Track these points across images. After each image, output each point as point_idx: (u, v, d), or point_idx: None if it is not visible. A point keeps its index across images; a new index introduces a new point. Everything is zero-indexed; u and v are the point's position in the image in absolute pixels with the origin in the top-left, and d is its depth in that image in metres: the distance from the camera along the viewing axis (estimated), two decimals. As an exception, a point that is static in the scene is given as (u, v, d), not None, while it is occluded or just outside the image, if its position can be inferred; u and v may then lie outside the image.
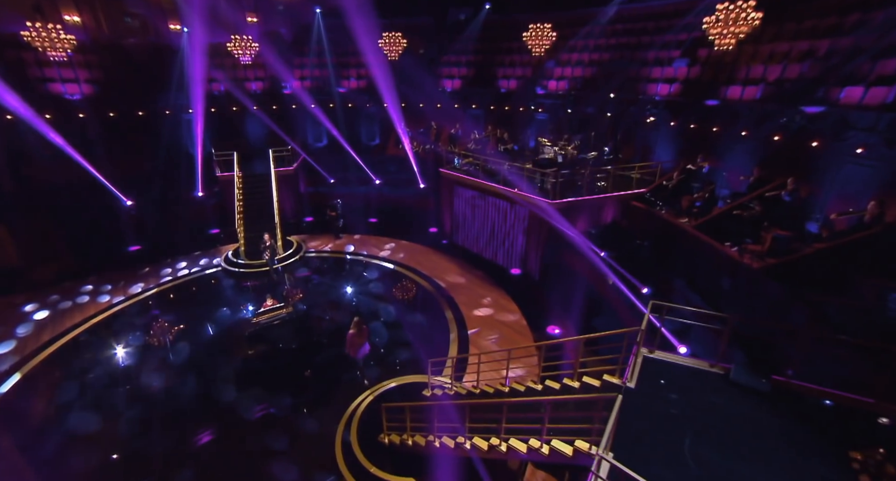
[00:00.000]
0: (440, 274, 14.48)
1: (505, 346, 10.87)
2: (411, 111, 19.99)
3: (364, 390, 9.49)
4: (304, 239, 17.08)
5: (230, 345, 10.89)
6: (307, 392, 9.50)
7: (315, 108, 19.49)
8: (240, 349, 10.57)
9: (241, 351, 10.53)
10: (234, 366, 10.17)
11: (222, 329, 11.57)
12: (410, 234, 17.23)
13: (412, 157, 17.88)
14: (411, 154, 17.94)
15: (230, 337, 11.19)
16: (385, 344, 11.05)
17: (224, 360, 10.37)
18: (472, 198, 15.60)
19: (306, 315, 10.74)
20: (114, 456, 8.07)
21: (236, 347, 10.69)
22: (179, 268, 14.90)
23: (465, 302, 12.87)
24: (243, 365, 10.19)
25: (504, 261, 15.01)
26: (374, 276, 14.29)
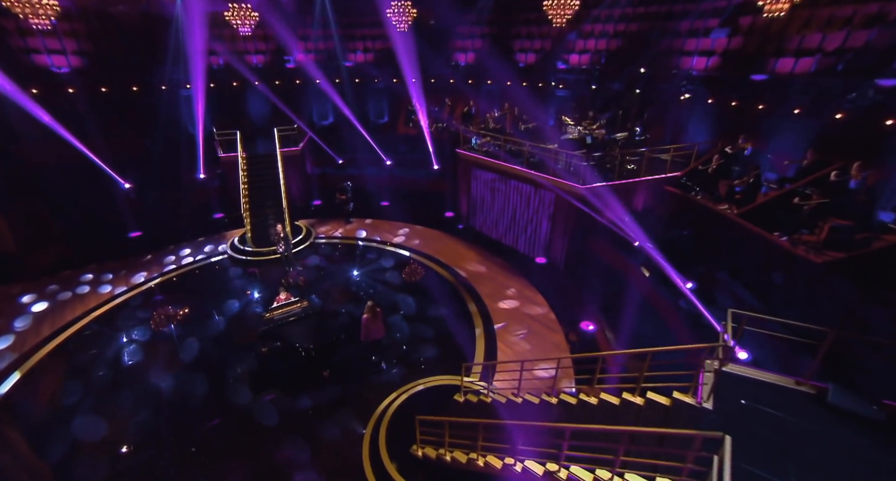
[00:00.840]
0: (459, 262, 13.72)
1: (535, 343, 10.23)
2: (423, 87, 18.80)
3: (388, 390, 8.86)
4: (312, 224, 16.22)
5: (242, 341, 10.22)
6: (327, 394, 8.87)
7: (321, 84, 18.27)
8: (252, 346, 9.90)
9: (253, 348, 9.87)
10: (248, 366, 9.53)
11: (232, 323, 10.88)
12: (425, 219, 16.37)
13: (428, 137, 16.79)
14: (428, 133, 16.84)
15: (241, 332, 10.51)
16: (406, 339, 10.38)
17: (236, 359, 9.72)
18: (491, 180, 14.69)
19: (322, 310, 10.02)
20: (121, 465, 7.49)
21: (248, 344, 10.02)
22: (183, 256, 14.11)
23: (488, 293, 12.15)
24: (257, 364, 9.55)
25: (526, 249, 14.24)
26: (388, 265, 13.53)
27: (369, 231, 15.75)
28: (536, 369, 8.83)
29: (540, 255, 13.73)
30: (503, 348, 10.12)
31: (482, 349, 10.13)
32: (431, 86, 18.52)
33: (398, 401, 8.54)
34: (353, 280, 12.75)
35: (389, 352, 9.94)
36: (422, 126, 17.16)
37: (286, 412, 8.43)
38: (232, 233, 15.50)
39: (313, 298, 10.16)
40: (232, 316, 11.18)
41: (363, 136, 18.02)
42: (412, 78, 17.47)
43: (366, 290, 12.22)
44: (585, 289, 11.57)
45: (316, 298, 10.17)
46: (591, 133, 13.58)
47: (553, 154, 12.79)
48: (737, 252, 9.91)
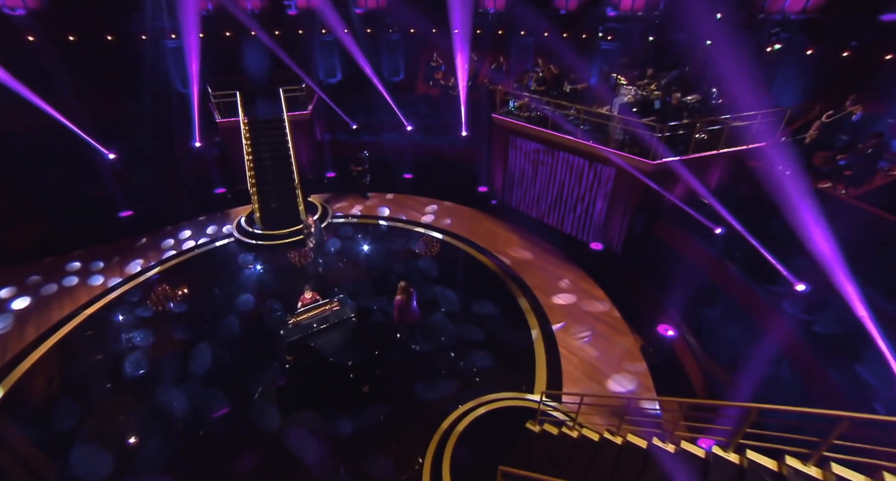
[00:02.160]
0: (500, 246, 12.09)
1: (602, 348, 8.83)
2: (439, 39, 16.32)
3: (442, 409, 7.49)
4: (327, 199, 14.38)
5: (263, 348, 8.75)
6: (370, 415, 7.50)
7: (328, 35, 15.77)
8: (276, 355, 8.45)
9: (278, 357, 8.42)
10: (272, 380, 8.10)
11: (250, 325, 9.35)
12: (454, 194, 14.54)
13: (463, 97, 14.50)
14: (464, 93, 14.52)
15: (261, 337, 9.02)
16: (452, 343, 8.95)
17: (258, 371, 8.27)
18: (534, 151, 12.77)
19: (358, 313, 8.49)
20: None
21: (271, 353, 8.56)
22: (183, 239, 12.36)
23: (538, 285, 10.62)
24: (283, 377, 8.13)
25: (574, 230, 12.59)
26: (420, 249, 11.87)
27: (392, 208, 13.95)
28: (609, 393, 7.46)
29: (592, 239, 12.10)
30: (567, 355, 8.73)
31: (542, 356, 8.73)
32: (461, 37, 16.04)
33: (459, 428, 7.18)
34: (382, 269, 11.13)
35: (437, 361, 8.54)
36: (457, 85, 14.70)
37: (323, 438, 7.08)
38: (237, 211, 13.67)
39: (345, 299, 8.59)
40: (247, 314, 9.64)
41: (379, 97, 15.75)
42: (441, 27, 14.99)
43: (394, 280, 10.65)
44: (652, 283, 10.06)
45: (349, 301, 8.60)
46: (651, 94, 11.58)
47: (614, 121, 10.84)
48: (863, 245, 8.30)
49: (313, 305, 8.42)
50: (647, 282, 10.16)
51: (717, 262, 9.16)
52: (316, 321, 8.08)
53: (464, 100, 14.38)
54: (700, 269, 9.50)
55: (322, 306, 8.44)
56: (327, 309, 8.42)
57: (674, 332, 8.69)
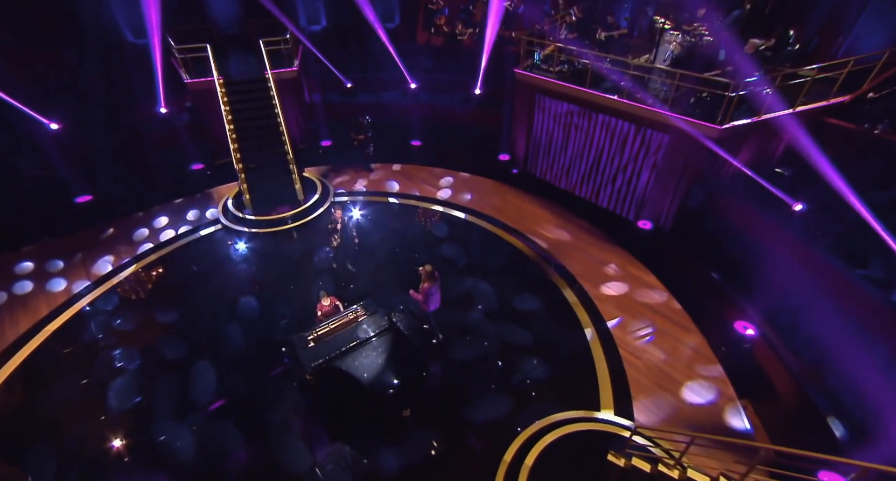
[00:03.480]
0: (531, 226, 10.64)
1: (668, 348, 7.73)
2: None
3: (499, 435, 6.35)
4: (325, 173, 12.47)
5: (276, 364, 7.33)
6: (416, 446, 6.31)
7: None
8: (293, 377, 7.06)
9: (295, 376, 7.05)
10: (292, 408, 6.76)
11: (256, 336, 7.85)
12: (470, 163, 12.80)
13: (488, 47, 12.15)
14: (489, 43, 12.11)
15: (271, 349, 7.56)
16: (496, 347, 7.71)
17: (275, 395, 6.90)
18: (566, 113, 11.04)
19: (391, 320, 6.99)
20: None
21: (286, 375, 7.17)
22: (159, 228, 10.44)
23: (582, 272, 9.34)
24: (305, 401, 6.80)
25: (611, 205, 11.19)
26: (441, 233, 10.36)
27: (402, 182, 12.18)
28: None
29: (632, 214, 10.76)
30: (629, 358, 7.61)
31: (602, 360, 7.59)
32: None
33: (527, 462, 6.06)
34: (402, 258, 9.61)
35: (482, 371, 7.33)
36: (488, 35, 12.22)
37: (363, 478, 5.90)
38: (220, 191, 11.69)
39: (373, 304, 7.12)
40: (252, 321, 8.11)
41: (376, 49, 13.42)
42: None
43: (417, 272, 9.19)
44: (714, 268, 8.90)
45: (378, 307, 7.10)
46: (701, 40, 9.87)
47: (663, 76, 9.18)
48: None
49: (337, 317, 6.95)
50: (708, 266, 8.99)
51: (797, 244, 7.99)
52: (342, 337, 6.64)
53: (487, 51, 12.16)
54: (774, 252, 8.34)
55: (347, 316, 6.98)
56: (354, 318, 6.97)
57: (753, 330, 7.61)
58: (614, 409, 6.81)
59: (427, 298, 7.12)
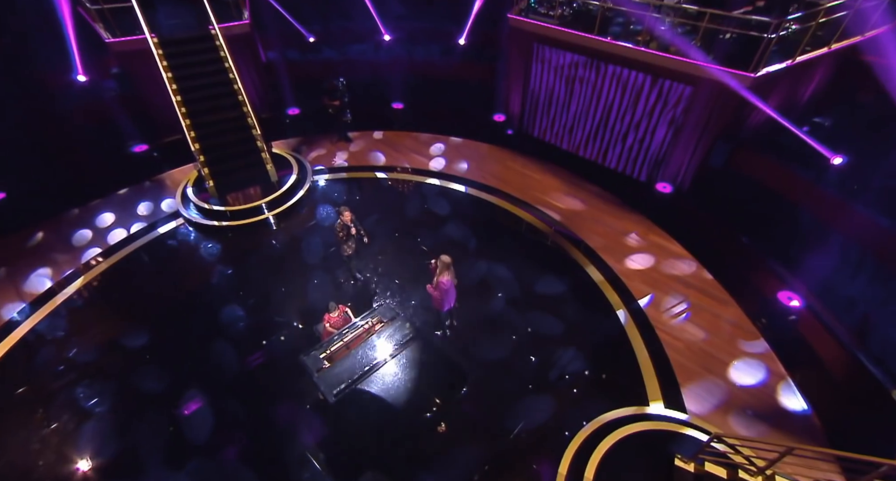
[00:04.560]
0: (539, 195, 9.65)
1: (707, 325, 7.21)
2: None
3: (546, 442, 5.70)
4: (297, 148, 10.78)
5: (283, 388, 6.27)
6: (459, 465, 5.57)
7: None
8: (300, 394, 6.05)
9: (306, 399, 6.05)
10: (313, 441, 5.79)
11: (251, 357, 6.67)
12: (461, 125, 11.43)
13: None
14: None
15: (274, 369, 6.46)
16: (525, 340, 6.94)
17: (290, 430, 5.89)
18: (570, 65, 9.79)
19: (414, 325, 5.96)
20: None
21: (297, 396, 6.13)
22: (105, 228, 8.69)
23: (602, 245, 8.56)
24: (328, 435, 5.85)
25: (620, 165, 10.32)
26: (442, 210, 9.21)
27: (387, 152, 10.73)
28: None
29: (647, 174, 9.95)
30: (669, 341, 7.04)
31: (641, 345, 6.97)
32: None
33: (588, 475, 5.44)
34: (402, 242, 8.47)
35: (515, 369, 6.58)
36: None
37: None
38: (174, 175, 9.86)
39: (390, 309, 6.06)
40: (242, 336, 6.89)
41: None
42: None
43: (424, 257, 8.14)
44: (743, 232, 8.33)
45: (397, 310, 6.04)
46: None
47: (701, 19, 8.05)
48: None
49: (349, 328, 5.87)
50: (736, 230, 8.42)
51: (835, 202, 7.44)
52: (362, 353, 5.62)
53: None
54: (808, 211, 7.81)
55: (361, 326, 5.91)
56: (370, 328, 5.93)
57: (796, 299, 7.15)
58: (664, 401, 6.28)
59: (443, 294, 6.17)
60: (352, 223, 6.60)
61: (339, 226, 6.61)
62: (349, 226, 6.58)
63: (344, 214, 6.54)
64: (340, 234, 6.64)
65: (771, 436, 5.88)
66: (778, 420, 6.09)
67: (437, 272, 6.08)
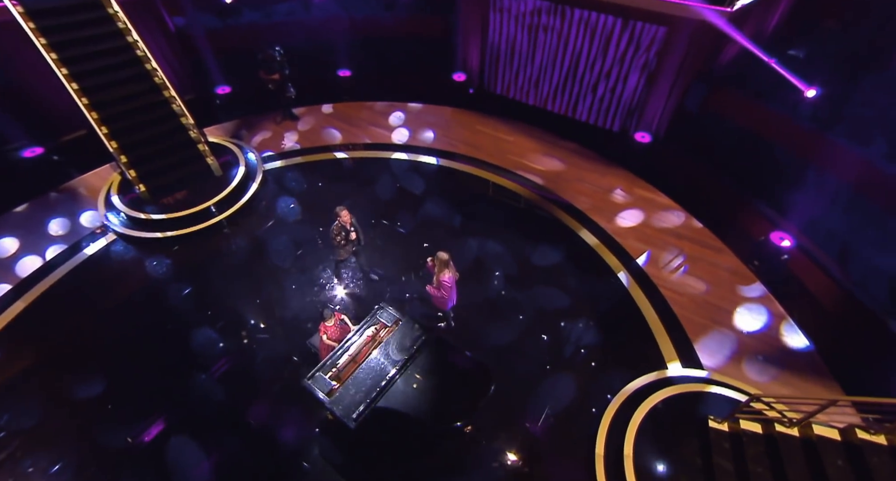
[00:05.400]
0: (516, 159, 9.05)
1: (706, 276, 7.19)
2: None
3: (586, 433, 5.48)
4: (235, 132, 9.30)
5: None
6: (493, 468, 5.23)
7: None
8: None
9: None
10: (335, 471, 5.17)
11: (240, 385, 5.78)
12: (417, 89, 10.37)
13: None
14: None
15: (279, 405, 5.65)
16: (532, 318, 6.57)
17: (306, 464, 5.20)
18: (532, 12, 8.96)
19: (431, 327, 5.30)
20: None
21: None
22: (8, 259, 7.07)
23: (589, 206, 8.22)
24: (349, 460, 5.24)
25: (592, 117, 9.87)
26: (417, 188, 8.40)
27: (342, 128, 9.54)
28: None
29: (621, 124, 9.59)
30: (673, 297, 6.93)
31: (647, 306, 6.82)
32: None
33: (627, 451, 5.27)
34: (382, 230, 7.64)
35: (527, 350, 6.23)
36: None
37: None
38: (86, 180, 8.18)
39: (389, 310, 5.37)
40: (217, 362, 5.95)
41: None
42: None
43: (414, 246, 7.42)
44: (725, 175, 8.28)
45: (395, 311, 5.36)
46: None
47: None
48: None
49: (351, 339, 5.15)
50: (720, 174, 8.35)
51: (811, 136, 7.46)
52: (373, 366, 4.96)
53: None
54: (787, 148, 7.82)
55: (365, 335, 5.21)
56: (375, 336, 5.25)
57: (790, 241, 7.21)
58: (681, 360, 6.22)
59: (446, 293, 5.60)
60: (351, 226, 5.75)
61: (335, 228, 5.76)
62: (348, 228, 5.74)
63: (342, 215, 5.67)
64: (337, 238, 5.77)
65: (782, 378, 6.02)
66: (786, 360, 6.22)
67: (436, 270, 5.48)
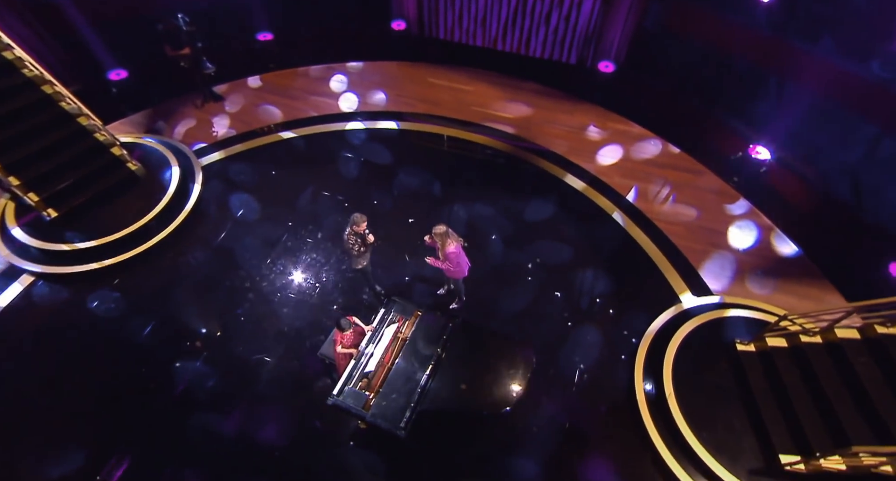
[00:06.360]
0: (480, 110, 8.35)
1: (694, 200, 7.19)
2: None
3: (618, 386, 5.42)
4: (150, 125, 7.75)
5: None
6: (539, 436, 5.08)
7: None
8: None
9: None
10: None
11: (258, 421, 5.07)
12: (354, 46, 9.14)
13: None
14: None
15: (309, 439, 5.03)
16: (541, 277, 6.30)
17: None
18: (470, -63, 7.92)
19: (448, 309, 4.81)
20: None
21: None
22: None
23: (567, 148, 7.83)
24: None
25: (547, 51, 9.25)
26: (383, 159, 7.57)
27: (279, 102, 8.24)
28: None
29: (578, 54, 9.05)
30: (669, 228, 6.88)
31: (647, 242, 6.74)
32: None
33: (668, 390, 5.26)
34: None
35: (547, 311, 6.00)
36: None
37: None
38: (-26, 216, 6.55)
39: (404, 303, 4.83)
40: (217, 400, 5.18)
41: None
42: None
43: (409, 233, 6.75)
44: (693, 94, 8.14)
45: (405, 302, 4.82)
46: None
47: None
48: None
49: (373, 342, 4.60)
50: (686, 95, 8.19)
51: (770, 42, 7.37)
52: (405, 368, 4.48)
53: None
54: (750, 59, 7.74)
55: (385, 336, 4.67)
56: (397, 334, 4.73)
57: (770, 153, 7.24)
58: (691, 290, 6.25)
59: (457, 263, 5.14)
60: (368, 232, 5.00)
61: (350, 237, 4.98)
62: (365, 235, 4.98)
63: (360, 224, 4.88)
64: (355, 248, 5.02)
65: (782, 287, 6.25)
66: (782, 269, 6.45)
67: (440, 246, 4.99)
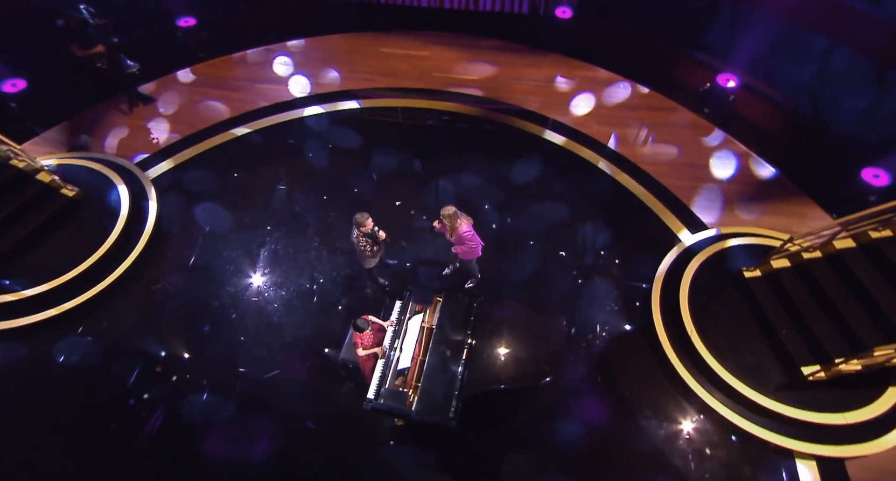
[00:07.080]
0: (444, 76, 7.86)
1: (669, 138, 7.23)
2: None
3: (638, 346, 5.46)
4: (72, 142, 6.71)
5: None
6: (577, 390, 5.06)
7: None
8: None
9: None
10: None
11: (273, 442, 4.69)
12: (291, 21, 8.27)
13: None
14: None
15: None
16: (542, 240, 6.17)
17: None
18: None
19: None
20: None
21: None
22: None
23: (540, 104, 7.57)
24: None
25: (498, 4, 8.77)
26: (353, 143, 7.01)
27: (222, 96, 7.36)
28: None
29: (535, 3, 8.64)
30: (655, 170, 6.85)
31: (637, 186, 6.71)
32: None
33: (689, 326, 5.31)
34: (341, 204, 6.35)
35: (553, 274, 5.90)
36: None
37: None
38: None
39: (419, 289, 4.56)
40: (238, 424, 4.75)
41: None
42: None
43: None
44: (655, 32, 8.01)
45: (421, 290, 4.56)
46: None
47: None
48: None
49: (398, 338, 4.31)
50: (646, 32, 8.06)
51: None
52: (437, 358, 4.25)
53: None
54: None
55: (410, 329, 4.39)
56: (422, 324, 4.46)
57: (735, 81, 7.26)
58: (688, 227, 6.32)
59: (471, 242, 4.89)
60: (370, 226, 4.55)
61: (359, 239, 4.60)
62: (375, 233, 4.54)
63: (366, 223, 4.43)
64: (367, 249, 4.65)
65: (770, 209, 6.45)
66: (765, 192, 6.65)
67: (449, 227, 4.71)
